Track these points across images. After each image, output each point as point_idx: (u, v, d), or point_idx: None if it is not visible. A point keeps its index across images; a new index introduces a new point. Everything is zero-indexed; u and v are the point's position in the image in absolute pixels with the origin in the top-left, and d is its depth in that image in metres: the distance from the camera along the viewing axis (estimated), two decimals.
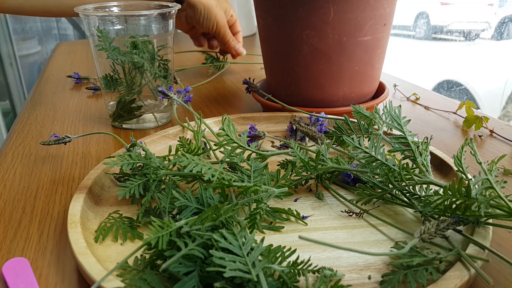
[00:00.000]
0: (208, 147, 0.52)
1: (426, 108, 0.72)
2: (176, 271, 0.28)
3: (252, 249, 0.29)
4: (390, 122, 0.44)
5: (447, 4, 2.50)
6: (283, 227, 0.38)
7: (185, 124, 0.57)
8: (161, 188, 0.40)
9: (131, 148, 0.46)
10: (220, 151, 0.45)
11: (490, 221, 0.35)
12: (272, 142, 0.56)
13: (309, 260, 0.30)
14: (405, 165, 0.37)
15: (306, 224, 0.39)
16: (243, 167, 0.42)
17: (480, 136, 0.60)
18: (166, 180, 0.41)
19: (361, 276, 0.32)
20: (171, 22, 0.60)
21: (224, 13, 0.81)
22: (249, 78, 0.67)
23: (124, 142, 0.53)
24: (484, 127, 0.61)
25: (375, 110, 0.47)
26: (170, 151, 0.46)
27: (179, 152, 0.44)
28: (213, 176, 0.36)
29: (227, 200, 0.38)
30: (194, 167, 0.36)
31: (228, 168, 0.45)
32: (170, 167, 0.42)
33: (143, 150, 0.43)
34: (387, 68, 0.77)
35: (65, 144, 0.53)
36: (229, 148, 0.42)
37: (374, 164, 0.40)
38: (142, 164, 0.41)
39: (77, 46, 1.29)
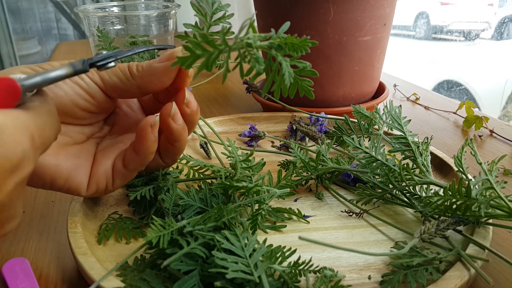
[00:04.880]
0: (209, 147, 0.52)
1: (426, 108, 0.72)
2: (177, 269, 0.28)
3: (254, 250, 0.29)
4: (390, 122, 0.44)
5: (447, 4, 2.51)
6: (285, 226, 0.38)
7: None
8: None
9: None
10: (222, 153, 0.45)
11: (490, 221, 0.35)
12: (272, 142, 0.56)
13: (310, 260, 0.30)
14: (405, 165, 0.37)
15: (308, 222, 0.39)
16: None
17: (480, 136, 0.60)
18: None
19: (361, 276, 0.32)
20: (171, 22, 0.60)
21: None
22: (249, 78, 0.67)
23: None
24: (484, 127, 0.61)
25: (375, 110, 0.47)
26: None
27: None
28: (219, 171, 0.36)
29: (230, 201, 0.38)
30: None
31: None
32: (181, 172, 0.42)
33: None
34: (387, 68, 0.77)
35: None
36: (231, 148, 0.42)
37: (374, 164, 0.40)
38: None
39: (77, 46, 1.29)
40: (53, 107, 0.28)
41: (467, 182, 0.33)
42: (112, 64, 0.31)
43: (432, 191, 0.39)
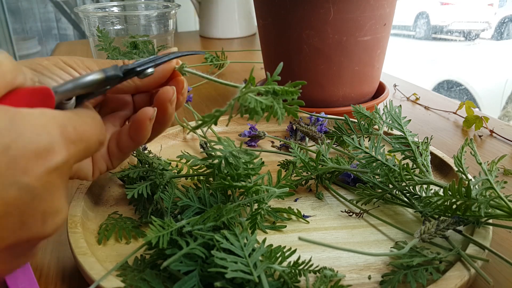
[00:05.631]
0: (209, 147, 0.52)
1: (426, 108, 0.72)
2: (177, 270, 0.28)
3: (254, 250, 0.29)
4: (390, 122, 0.44)
5: (447, 4, 2.51)
6: (285, 226, 0.38)
7: (185, 124, 0.57)
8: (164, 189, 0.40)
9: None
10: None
11: (490, 221, 0.35)
12: (272, 142, 0.56)
13: (310, 260, 0.30)
14: (405, 165, 0.37)
15: (308, 222, 0.39)
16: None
17: (480, 136, 0.60)
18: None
19: (361, 276, 0.32)
20: (171, 22, 0.60)
21: None
22: None
23: None
24: (484, 127, 0.61)
25: (375, 110, 0.47)
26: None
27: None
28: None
29: (229, 200, 0.38)
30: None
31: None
32: (175, 171, 0.42)
33: (145, 158, 0.43)
34: (387, 68, 0.77)
35: None
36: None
37: (374, 164, 0.39)
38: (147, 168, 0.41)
39: (77, 46, 1.29)
40: (97, 115, 0.29)
41: (467, 182, 0.33)
42: (151, 70, 0.32)
43: (432, 191, 0.39)
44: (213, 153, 0.36)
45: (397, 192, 0.40)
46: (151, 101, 0.39)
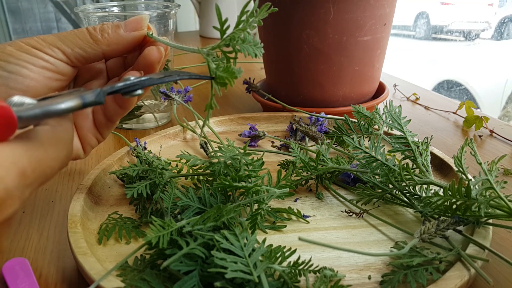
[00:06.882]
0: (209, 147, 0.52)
1: (426, 108, 0.72)
2: (177, 270, 0.28)
3: (253, 250, 0.29)
4: (390, 122, 0.44)
5: (447, 4, 2.51)
6: (285, 226, 0.38)
7: (185, 124, 0.57)
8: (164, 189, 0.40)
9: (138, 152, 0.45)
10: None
11: (490, 221, 0.35)
12: (272, 142, 0.56)
13: (310, 260, 0.30)
14: (405, 165, 0.37)
15: (308, 222, 0.39)
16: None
17: (480, 136, 0.60)
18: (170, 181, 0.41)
19: (361, 276, 0.32)
20: (171, 22, 0.60)
21: None
22: (249, 78, 0.67)
23: (129, 142, 0.53)
24: (484, 127, 0.61)
25: (375, 110, 0.47)
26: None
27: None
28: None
29: (229, 200, 0.38)
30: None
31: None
32: (175, 171, 0.42)
33: (146, 157, 0.43)
34: (387, 68, 0.77)
35: None
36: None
37: (374, 164, 0.39)
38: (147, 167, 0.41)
39: None
40: (64, 134, 0.27)
41: (467, 182, 0.33)
42: (140, 91, 0.30)
43: (432, 191, 0.39)
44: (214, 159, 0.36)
45: (397, 192, 0.40)
46: (125, 65, 0.38)
